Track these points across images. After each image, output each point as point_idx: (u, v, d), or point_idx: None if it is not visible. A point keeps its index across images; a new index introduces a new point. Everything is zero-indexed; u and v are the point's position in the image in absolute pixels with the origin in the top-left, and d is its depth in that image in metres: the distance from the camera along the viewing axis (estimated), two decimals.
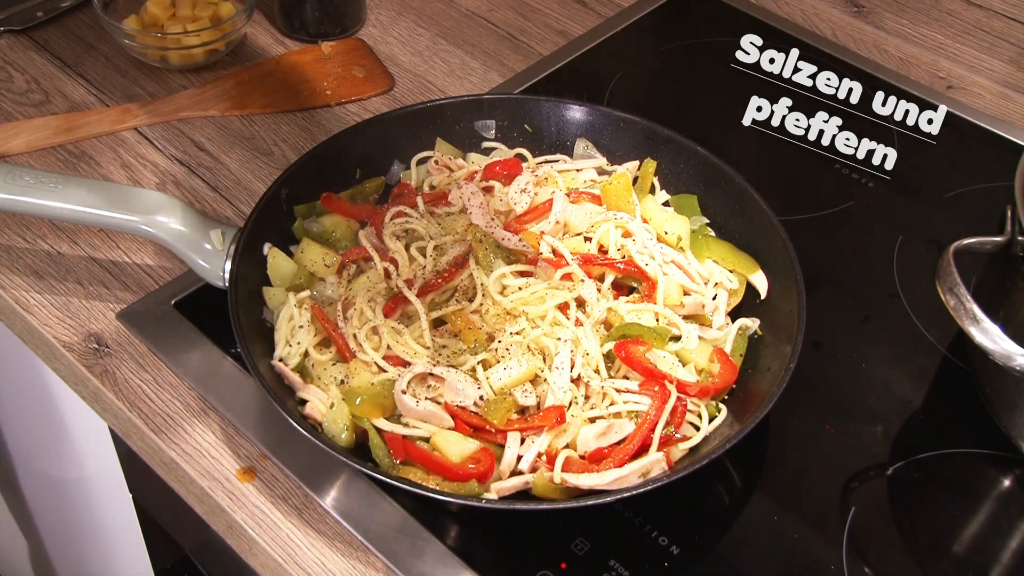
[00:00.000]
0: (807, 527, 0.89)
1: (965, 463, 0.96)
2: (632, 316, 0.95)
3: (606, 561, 0.85)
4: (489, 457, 0.87)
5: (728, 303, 1.01)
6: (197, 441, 0.93)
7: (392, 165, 1.11)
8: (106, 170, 1.17)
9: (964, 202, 1.20)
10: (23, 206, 0.96)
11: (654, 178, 1.09)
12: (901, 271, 1.11)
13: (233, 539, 0.91)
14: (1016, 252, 0.90)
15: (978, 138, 1.28)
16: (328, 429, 0.88)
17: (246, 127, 1.24)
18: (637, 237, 1.00)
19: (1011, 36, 1.44)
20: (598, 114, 1.12)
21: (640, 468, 0.85)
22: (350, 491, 0.88)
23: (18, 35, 1.33)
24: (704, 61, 1.39)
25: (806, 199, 1.19)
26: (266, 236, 0.99)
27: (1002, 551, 0.90)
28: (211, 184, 1.16)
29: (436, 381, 0.89)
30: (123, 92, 1.27)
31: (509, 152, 1.12)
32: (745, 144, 1.25)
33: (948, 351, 1.04)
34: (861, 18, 1.46)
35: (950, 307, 0.86)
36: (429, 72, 1.33)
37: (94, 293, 1.04)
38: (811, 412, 0.98)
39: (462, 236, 0.98)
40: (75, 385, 1.01)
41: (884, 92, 1.19)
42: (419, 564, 0.84)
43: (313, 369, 0.93)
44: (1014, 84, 1.37)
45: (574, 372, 0.90)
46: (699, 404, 0.91)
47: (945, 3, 1.49)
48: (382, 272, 0.97)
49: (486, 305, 0.94)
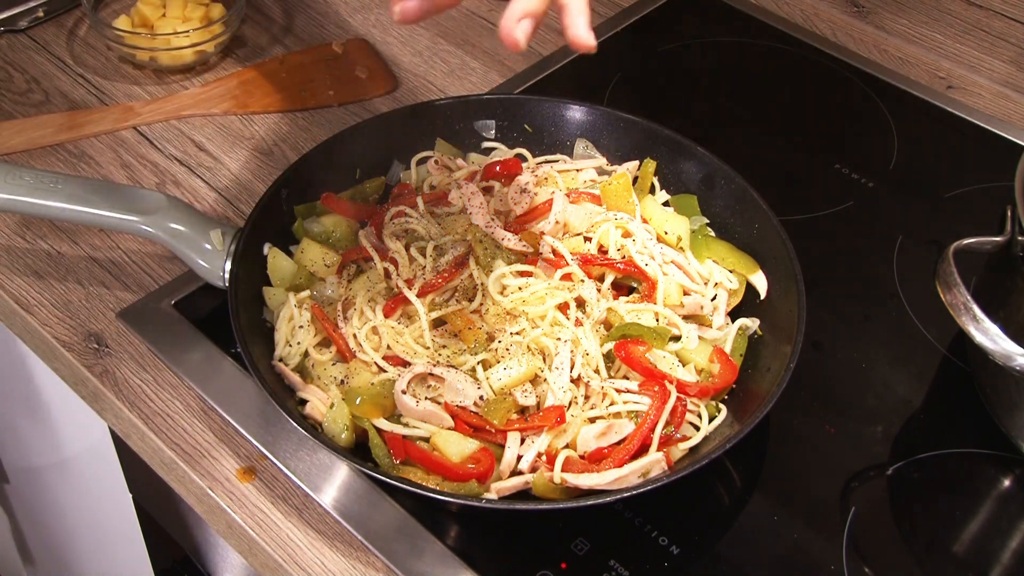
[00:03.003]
0: (807, 527, 0.89)
1: (965, 463, 0.96)
2: (632, 316, 0.95)
3: (606, 561, 0.85)
4: (489, 457, 0.87)
5: (728, 303, 1.01)
6: (197, 441, 0.93)
7: (392, 165, 1.11)
8: (106, 170, 1.17)
9: (964, 202, 1.20)
10: (23, 206, 0.96)
11: (654, 178, 1.09)
12: (901, 271, 1.11)
13: (233, 539, 0.91)
14: (1016, 252, 0.90)
15: (978, 138, 1.28)
16: (328, 429, 0.88)
17: (246, 127, 1.24)
18: (637, 237, 1.00)
19: (1011, 36, 1.44)
20: (598, 114, 1.12)
21: (640, 468, 0.85)
22: (350, 491, 0.88)
23: (18, 35, 1.33)
24: (704, 61, 1.39)
25: (806, 199, 1.19)
26: (266, 236, 1.00)
27: (1002, 551, 0.90)
28: (211, 184, 1.16)
29: (436, 381, 0.89)
30: (123, 92, 1.27)
31: (509, 152, 1.12)
32: (745, 144, 1.25)
33: (948, 351, 1.04)
34: (861, 18, 1.46)
35: (950, 307, 0.86)
36: (429, 72, 1.33)
37: (94, 293, 1.04)
38: (811, 412, 0.98)
39: (462, 236, 0.98)
40: (75, 385, 1.01)
41: (884, 92, 1.20)
42: (419, 564, 0.84)
43: (313, 369, 0.93)
44: (1014, 84, 1.37)
45: (574, 372, 0.90)
46: (699, 404, 0.91)
47: (945, 3, 1.49)
48: (382, 272, 0.97)
49: (486, 305, 0.94)
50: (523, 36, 0.76)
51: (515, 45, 0.76)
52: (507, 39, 0.76)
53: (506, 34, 0.76)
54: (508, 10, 0.76)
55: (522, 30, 0.76)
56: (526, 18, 0.76)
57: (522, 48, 0.76)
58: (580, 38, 0.79)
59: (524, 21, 0.76)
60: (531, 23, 0.76)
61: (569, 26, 0.79)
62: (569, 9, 0.79)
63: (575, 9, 0.79)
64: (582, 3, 0.79)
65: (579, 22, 0.78)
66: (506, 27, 0.76)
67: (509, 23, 0.76)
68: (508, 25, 0.76)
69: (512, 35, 0.76)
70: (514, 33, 0.76)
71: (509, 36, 0.76)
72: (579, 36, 0.79)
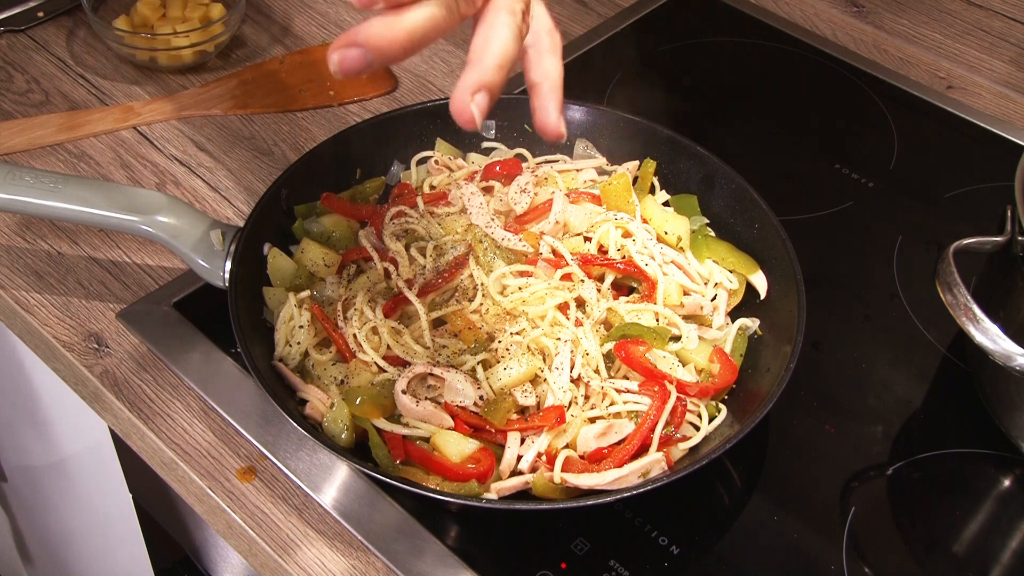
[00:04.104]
0: (807, 527, 0.89)
1: (965, 463, 0.96)
2: (632, 316, 0.95)
3: (606, 561, 0.85)
4: (489, 457, 0.87)
5: (728, 303, 1.01)
6: (197, 441, 0.93)
7: (392, 165, 1.11)
8: (106, 170, 1.17)
9: (964, 202, 1.20)
10: (23, 206, 0.96)
11: (654, 178, 1.09)
12: (901, 271, 1.11)
13: (233, 539, 0.91)
14: (1016, 252, 0.90)
15: (978, 138, 1.28)
16: (328, 429, 0.88)
17: (246, 127, 1.24)
18: (637, 237, 1.00)
19: (1011, 36, 1.44)
20: (598, 114, 1.12)
21: (640, 468, 0.85)
22: (350, 491, 0.88)
23: (18, 35, 1.33)
24: (704, 61, 1.39)
25: (806, 199, 1.19)
26: (266, 236, 1.00)
27: (1002, 551, 0.90)
28: (211, 184, 1.16)
29: (436, 381, 0.89)
30: (123, 92, 1.27)
31: (509, 152, 1.12)
32: (745, 144, 1.25)
33: (948, 351, 1.04)
34: (861, 18, 1.46)
35: (950, 307, 0.86)
36: (429, 72, 1.33)
37: (94, 293, 1.04)
38: (811, 412, 0.98)
39: (462, 236, 0.98)
40: (75, 385, 1.01)
41: (884, 92, 1.20)
42: (419, 564, 0.84)
43: (313, 369, 0.93)
44: (1014, 84, 1.37)
45: (574, 372, 0.90)
46: (699, 404, 0.91)
47: (945, 3, 1.49)
48: (382, 272, 0.97)
49: (486, 305, 0.94)
50: (478, 112, 0.66)
51: (470, 122, 0.67)
52: (460, 115, 0.67)
53: (459, 109, 0.66)
54: (461, 80, 0.67)
55: (477, 105, 0.66)
56: (481, 91, 0.67)
57: (477, 127, 0.67)
58: (549, 125, 0.70)
59: (479, 95, 0.67)
60: (487, 97, 0.67)
61: (538, 110, 0.71)
62: (540, 90, 0.70)
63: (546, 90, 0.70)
64: (555, 84, 0.71)
65: (549, 107, 0.70)
66: (460, 101, 0.66)
67: (463, 96, 0.66)
68: (462, 99, 0.66)
69: (466, 111, 0.66)
70: (469, 108, 0.66)
71: (463, 112, 0.66)
72: (548, 123, 0.70)
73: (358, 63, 0.66)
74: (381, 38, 0.65)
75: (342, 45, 0.66)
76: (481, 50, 0.68)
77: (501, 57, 0.68)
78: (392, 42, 0.66)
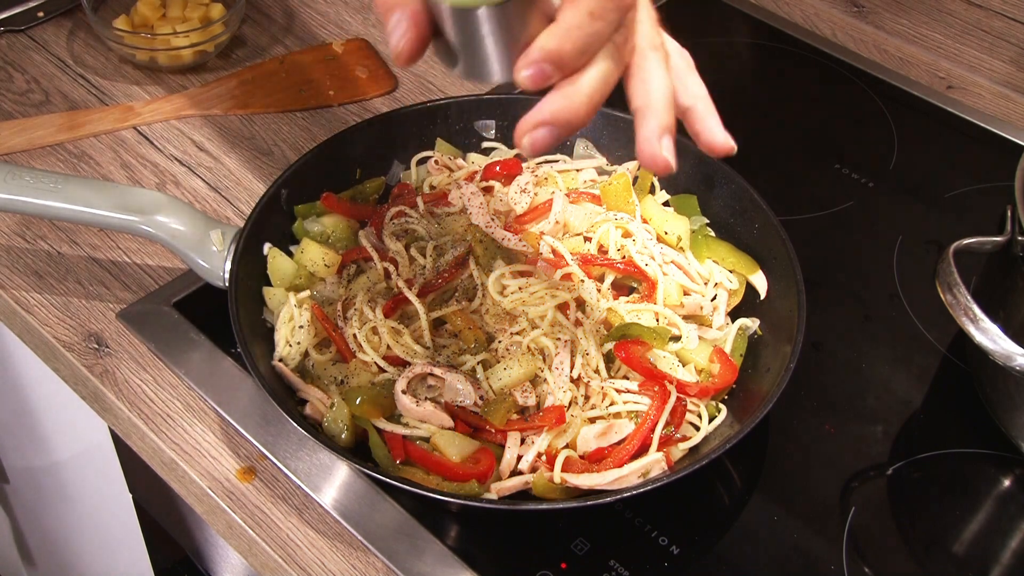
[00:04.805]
0: (807, 527, 0.89)
1: (965, 463, 0.96)
2: (632, 316, 0.95)
3: (606, 561, 0.85)
4: (489, 457, 0.87)
5: (728, 303, 1.01)
6: (197, 441, 0.93)
7: (392, 165, 1.11)
8: (106, 170, 1.17)
9: (964, 202, 1.20)
10: (23, 206, 0.96)
11: (654, 178, 1.09)
12: (901, 271, 1.11)
13: (233, 539, 0.91)
14: (1016, 252, 0.90)
15: (978, 138, 1.28)
16: (328, 429, 0.88)
17: (246, 127, 1.24)
18: (637, 237, 1.00)
19: (1011, 36, 1.44)
20: (598, 114, 1.11)
21: (640, 468, 0.85)
22: (350, 491, 0.88)
23: (18, 35, 1.33)
24: (704, 61, 1.38)
25: (806, 199, 1.19)
26: (266, 236, 1.00)
27: (1002, 551, 0.90)
28: (211, 184, 1.16)
29: (436, 381, 0.89)
30: (123, 92, 1.27)
31: (509, 152, 1.12)
32: (745, 144, 1.25)
33: (948, 351, 1.04)
34: (861, 18, 1.46)
35: (950, 307, 0.86)
36: (429, 72, 1.33)
37: (94, 293, 1.04)
38: (811, 412, 0.98)
39: (462, 236, 0.98)
40: (75, 385, 1.01)
41: (884, 92, 1.20)
42: (419, 564, 0.84)
43: (313, 369, 0.93)
44: (1014, 84, 1.37)
45: (574, 372, 0.90)
46: (699, 404, 0.91)
47: (945, 3, 1.49)
48: (382, 272, 0.97)
49: (486, 305, 0.94)
50: (670, 155, 0.67)
51: (666, 168, 0.67)
52: (657, 164, 0.67)
53: (653, 159, 0.67)
54: (642, 131, 0.68)
55: (667, 149, 0.67)
56: (665, 135, 0.67)
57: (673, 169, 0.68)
58: (716, 143, 0.71)
59: (665, 139, 0.67)
60: (671, 139, 0.68)
61: (702, 132, 0.71)
62: (696, 111, 0.71)
63: (703, 111, 0.71)
64: (707, 102, 0.72)
65: (711, 124, 0.71)
66: (650, 152, 0.67)
67: (652, 147, 0.67)
68: (652, 150, 0.67)
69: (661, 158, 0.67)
70: (661, 154, 0.67)
71: (659, 160, 0.67)
72: (715, 140, 0.71)
73: (549, 141, 0.67)
74: (566, 111, 0.66)
75: (530, 127, 0.67)
76: (647, 95, 0.68)
77: (668, 97, 0.69)
78: (576, 113, 0.66)
